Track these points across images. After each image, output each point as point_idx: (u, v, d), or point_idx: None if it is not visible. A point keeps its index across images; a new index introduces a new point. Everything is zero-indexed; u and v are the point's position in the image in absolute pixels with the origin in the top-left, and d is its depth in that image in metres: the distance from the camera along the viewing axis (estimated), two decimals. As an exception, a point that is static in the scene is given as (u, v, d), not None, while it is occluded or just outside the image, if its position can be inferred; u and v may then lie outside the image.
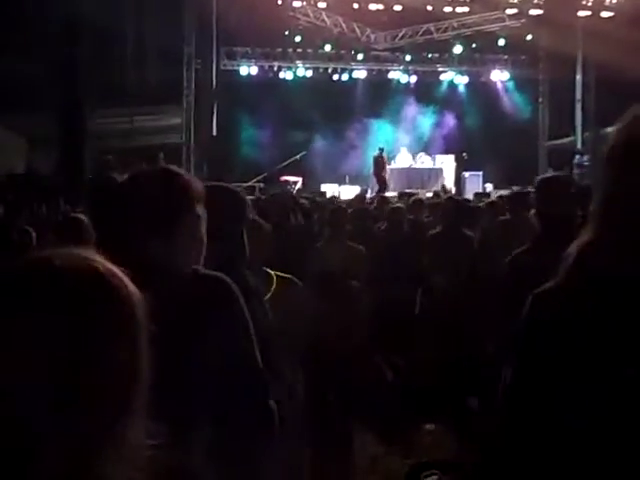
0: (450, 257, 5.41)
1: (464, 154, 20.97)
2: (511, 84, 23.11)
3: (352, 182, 19.65)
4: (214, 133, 18.87)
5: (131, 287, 1.05)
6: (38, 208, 7.48)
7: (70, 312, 0.99)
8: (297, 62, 21.91)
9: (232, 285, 1.86)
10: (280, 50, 21.68)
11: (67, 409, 0.97)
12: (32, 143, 17.77)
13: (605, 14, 18.85)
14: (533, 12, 19.90)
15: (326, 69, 22.23)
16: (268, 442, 1.88)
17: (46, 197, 9.19)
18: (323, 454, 4.48)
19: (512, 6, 20.24)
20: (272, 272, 2.94)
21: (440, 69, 22.80)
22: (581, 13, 19.11)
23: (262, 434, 1.85)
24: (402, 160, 20.52)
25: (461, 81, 23.15)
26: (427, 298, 5.79)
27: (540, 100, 22.49)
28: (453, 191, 18.25)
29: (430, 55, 22.40)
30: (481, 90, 23.04)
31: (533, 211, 3.71)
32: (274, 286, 2.86)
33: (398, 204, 7.46)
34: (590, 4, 19.14)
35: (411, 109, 22.89)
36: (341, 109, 22.26)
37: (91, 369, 0.99)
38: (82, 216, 3.68)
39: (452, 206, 6.09)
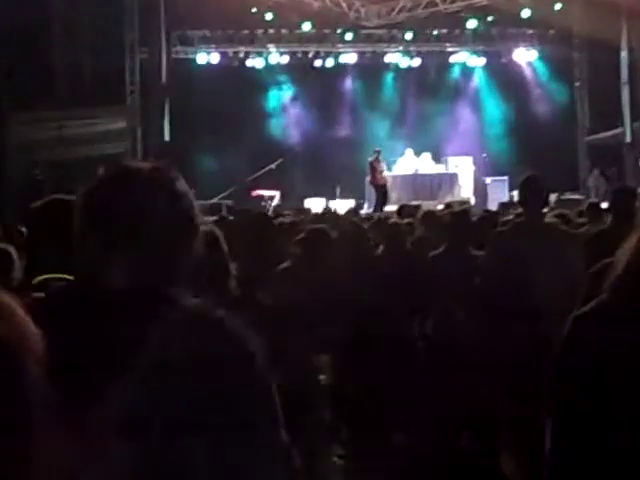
0: (452, 282, 5.59)
1: (484, 155, 21.19)
2: (540, 65, 23.37)
3: (344, 195, 19.74)
4: (167, 139, 18.97)
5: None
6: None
7: None
8: (269, 46, 22.15)
9: None
10: (247, 32, 21.91)
11: None
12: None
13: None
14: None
15: (306, 53, 22.45)
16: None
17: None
18: None
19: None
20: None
21: (450, 49, 23.07)
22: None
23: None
24: (406, 164, 20.58)
25: (477, 63, 23.41)
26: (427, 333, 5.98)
27: (577, 84, 22.69)
28: (472, 202, 18.27)
29: (436, 32, 22.65)
30: (502, 74, 23.31)
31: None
32: None
33: (397, 220, 7.54)
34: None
35: (414, 100, 23.11)
36: (326, 103, 22.46)
37: None
38: (9, 248, 3.99)
39: (456, 221, 6.17)
